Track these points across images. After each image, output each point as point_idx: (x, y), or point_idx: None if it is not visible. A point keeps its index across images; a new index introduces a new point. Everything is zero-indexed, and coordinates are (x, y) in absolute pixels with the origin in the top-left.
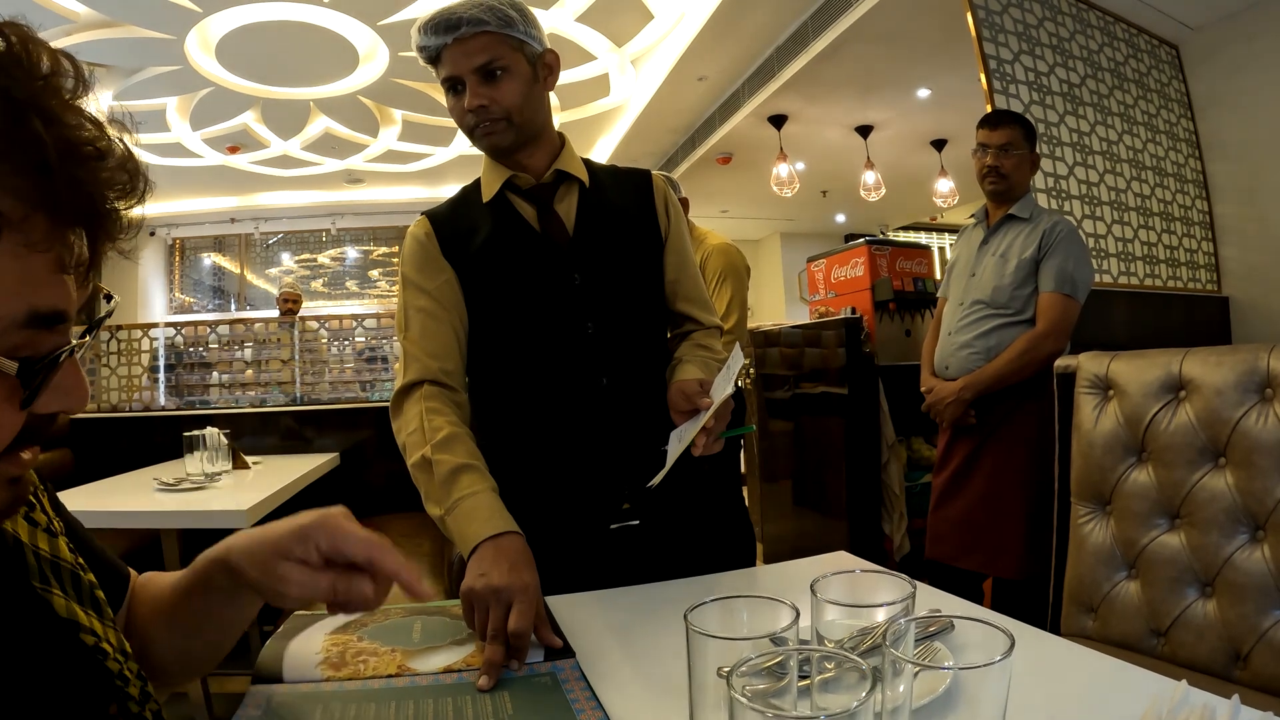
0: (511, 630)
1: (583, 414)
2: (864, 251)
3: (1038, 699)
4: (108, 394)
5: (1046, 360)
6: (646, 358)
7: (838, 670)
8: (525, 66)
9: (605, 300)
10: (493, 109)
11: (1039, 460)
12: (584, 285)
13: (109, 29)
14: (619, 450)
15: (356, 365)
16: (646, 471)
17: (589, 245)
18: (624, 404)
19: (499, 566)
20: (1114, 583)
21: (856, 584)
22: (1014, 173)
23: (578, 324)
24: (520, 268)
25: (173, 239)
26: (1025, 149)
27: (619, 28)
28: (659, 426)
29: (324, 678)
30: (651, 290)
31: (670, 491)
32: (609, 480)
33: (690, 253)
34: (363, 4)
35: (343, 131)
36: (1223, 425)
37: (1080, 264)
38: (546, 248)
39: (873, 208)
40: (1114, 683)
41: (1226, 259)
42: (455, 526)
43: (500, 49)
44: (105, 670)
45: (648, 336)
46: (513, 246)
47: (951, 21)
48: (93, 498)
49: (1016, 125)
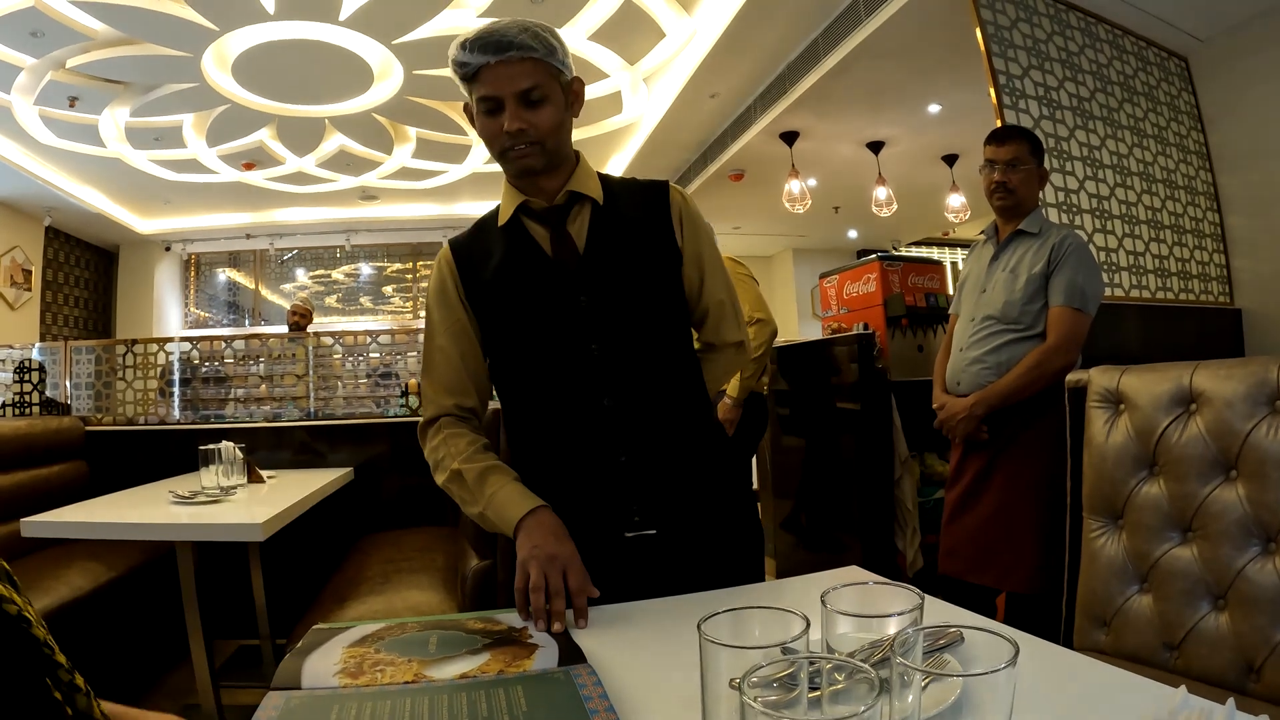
0: (575, 588)
1: (587, 433)
2: (876, 267)
3: (1050, 713)
4: (123, 407)
5: (1057, 375)
6: (656, 377)
7: (848, 681)
8: (560, 95)
9: (610, 321)
10: (530, 133)
11: (1051, 475)
12: (590, 306)
13: (127, 46)
14: (624, 468)
15: (371, 381)
16: (656, 485)
17: (597, 266)
18: (627, 424)
19: (545, 538)
20: (1126, 596)
21: (866, 596)
22: (1021, 188)
23: (582, 345)
24: (529, 291)
25: (188, 254)
26: (1032, 164)
27: (631, 46)
28: (665, 445)
29: (341, 685)
30: (665, 307)
31: (684, 500)
32: (618, 494)
33: (715, 263)
34: (377, 23)
35: (357, 149)
36: (1233, 438)
37: (1090, 278)
38: (555, 270)
39: (885, 223)
40: (1125, 696)
41: (1239, 271)
42: (495, 516)
43: (543, 76)
44: (32, 639)
45: (659, 355)
46: (523, 270)
47: (961, 37)
48: (108, 509)
49: (1023, 140)
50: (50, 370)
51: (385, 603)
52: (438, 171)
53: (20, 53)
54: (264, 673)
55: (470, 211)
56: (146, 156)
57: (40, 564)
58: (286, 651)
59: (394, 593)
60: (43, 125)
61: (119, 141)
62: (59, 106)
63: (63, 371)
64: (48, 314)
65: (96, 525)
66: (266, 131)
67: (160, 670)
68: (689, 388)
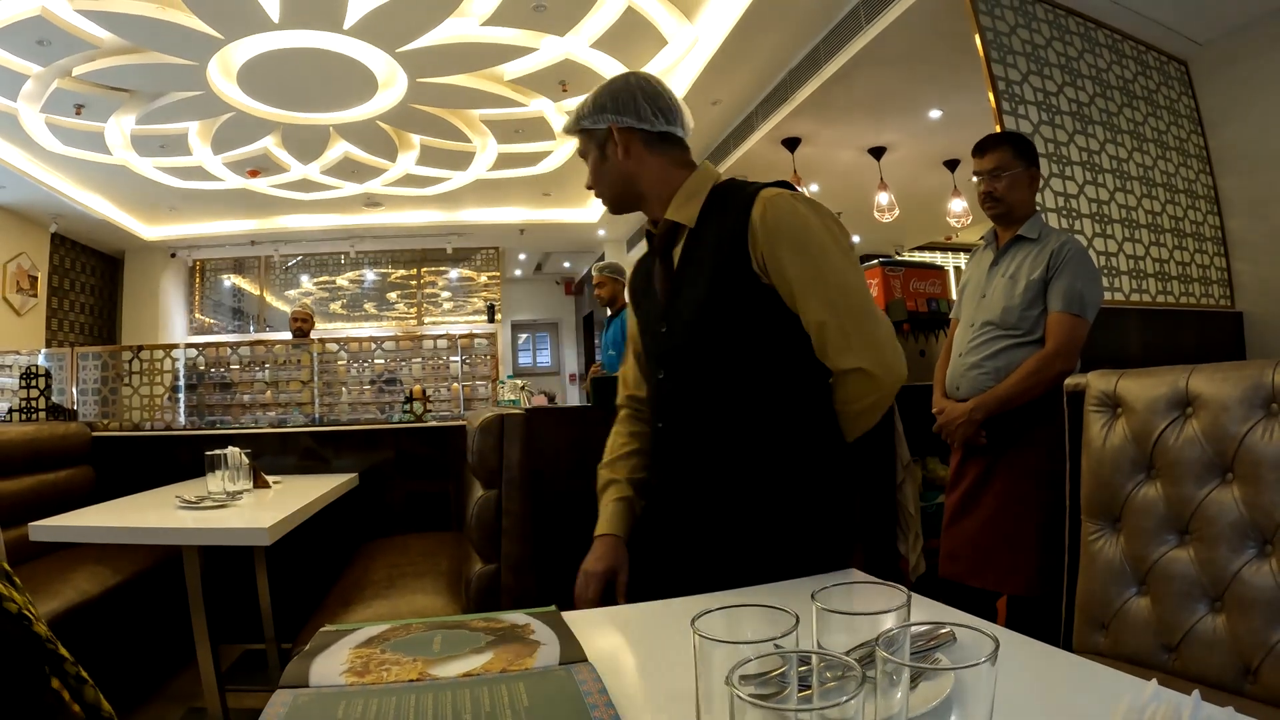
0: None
1: (653, 453)
2: (878, 273)
3: (1049, 716)
4: (130, 413)
5: (1056, 380)
6: (715, 404)
7: (837, 680)
8: (596, 148)
9: (676, 350)
10: (591, 184)
11: (1050, 479)
12: (666, 334)
13: (133, 55)
14: (670, 490)
15: (375, 388)
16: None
17: (675, 294)
18: (676, 449)
19: (591, 558)
20: (1125, 599)
21: (856, 595)
22: (1009, 194)
23: (654, 371)
24: (639, 314)
25: (193, 261)
26: (1019, 167)
27: (633, 53)
28: (713, 473)
29: (348, 684)
30: (733, 333)
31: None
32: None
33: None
34: (381, 32)
35: (362, 156)
36: (1229, 441)
37: (1089, 283)
38: (652, 297)
39: (887, 229)
40: (1117, 696)
41: (1239, 274)
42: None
43: (582, 142)
44: (34, 635)
45: (723, 383)
46: (636, 295)
47: (961, 43)
48: (115, 514)
49: (1006, 146)
50: (56, 376)
51: (390, 606)
52: (442, 178)
53: (27, 61)
54: (269, 676)
55: (474, 218)
56: (152, 164)
57: (47, 568)
58: (292, 655)
59: (399, 596)
60: (49, 132)
61: (125, 149)
62: (65, 114)
63: (69, 377)
64: (54, 320)
65: (103, 530)
66: (271, 139)
67: (166, 674)
68: (767, 415)
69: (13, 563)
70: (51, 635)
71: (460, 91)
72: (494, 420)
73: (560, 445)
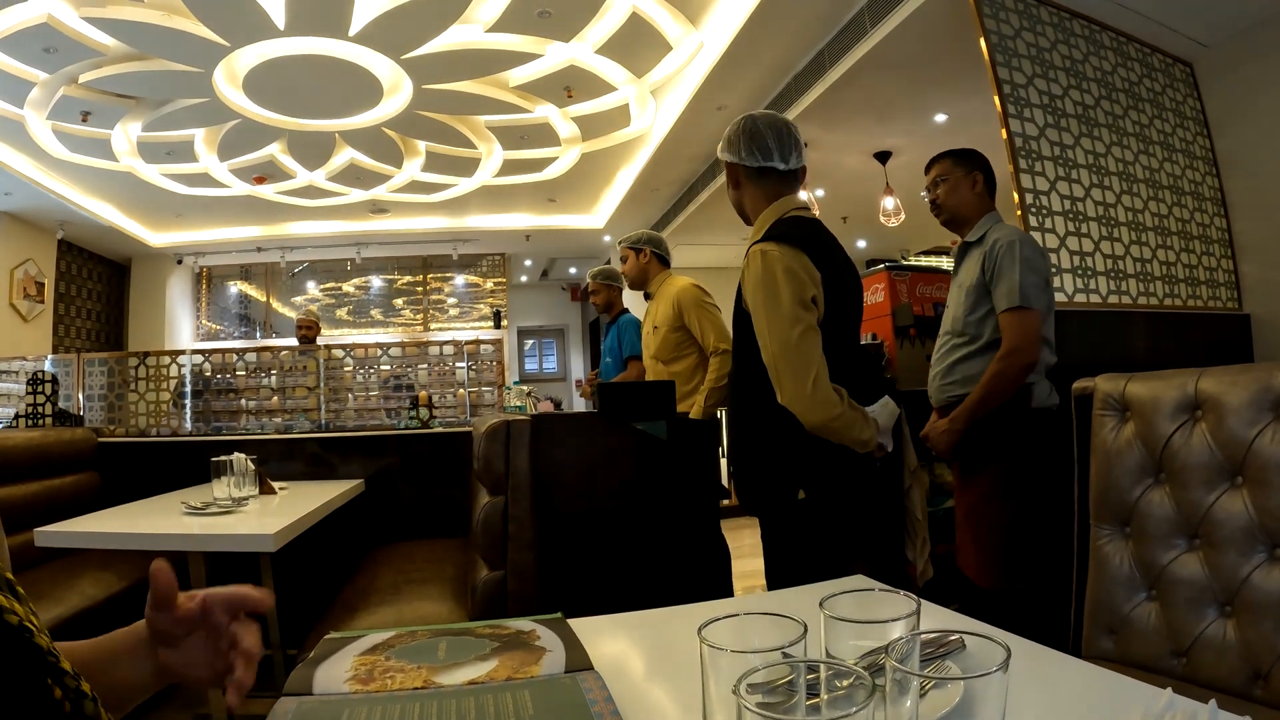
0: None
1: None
2: (884, 277)
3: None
4: (136, 419)
5: (1021, 375)
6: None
7: (846, 688)
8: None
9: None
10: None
11: (1012, 474)
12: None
13: (139, 62)
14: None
15: (381, 394)
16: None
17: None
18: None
19: None
20: (1134, 604)
21: (865, 602)
22: (948, 199)
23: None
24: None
25: (200, 267)
26: (959, 172)
27: (639, 59)
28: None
29: (352, 691)
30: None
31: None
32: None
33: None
34: (387, 38)
35: (367, 162)
36: (1238, 444)
37: (1026, 271)
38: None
39: (893, 233)
40: (1131, 705)
41: (1246, 276)
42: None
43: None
44: (35, 647)
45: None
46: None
47: (966, 47)
48: (121, 520)
49: (945, 158)
50: (63, 382)
51: (395, 613)
52: (448, 185)
53: (34, 68)
54: (275, 682)
55: (480, 224)
56: (158, 170)
57: (53, 574)
58: (297, 661)
59: (404, 603)
60: (56, 139)
61: (131, 156)
62: (72, 121)
63: (75, 383)
64: (60, 326)
65: (109, 535)
66: (277, 146)
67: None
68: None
69: (18, 568)
70: (54, 647)
71: (465, 98)
72: (500, 426)
73: (567, 451)
